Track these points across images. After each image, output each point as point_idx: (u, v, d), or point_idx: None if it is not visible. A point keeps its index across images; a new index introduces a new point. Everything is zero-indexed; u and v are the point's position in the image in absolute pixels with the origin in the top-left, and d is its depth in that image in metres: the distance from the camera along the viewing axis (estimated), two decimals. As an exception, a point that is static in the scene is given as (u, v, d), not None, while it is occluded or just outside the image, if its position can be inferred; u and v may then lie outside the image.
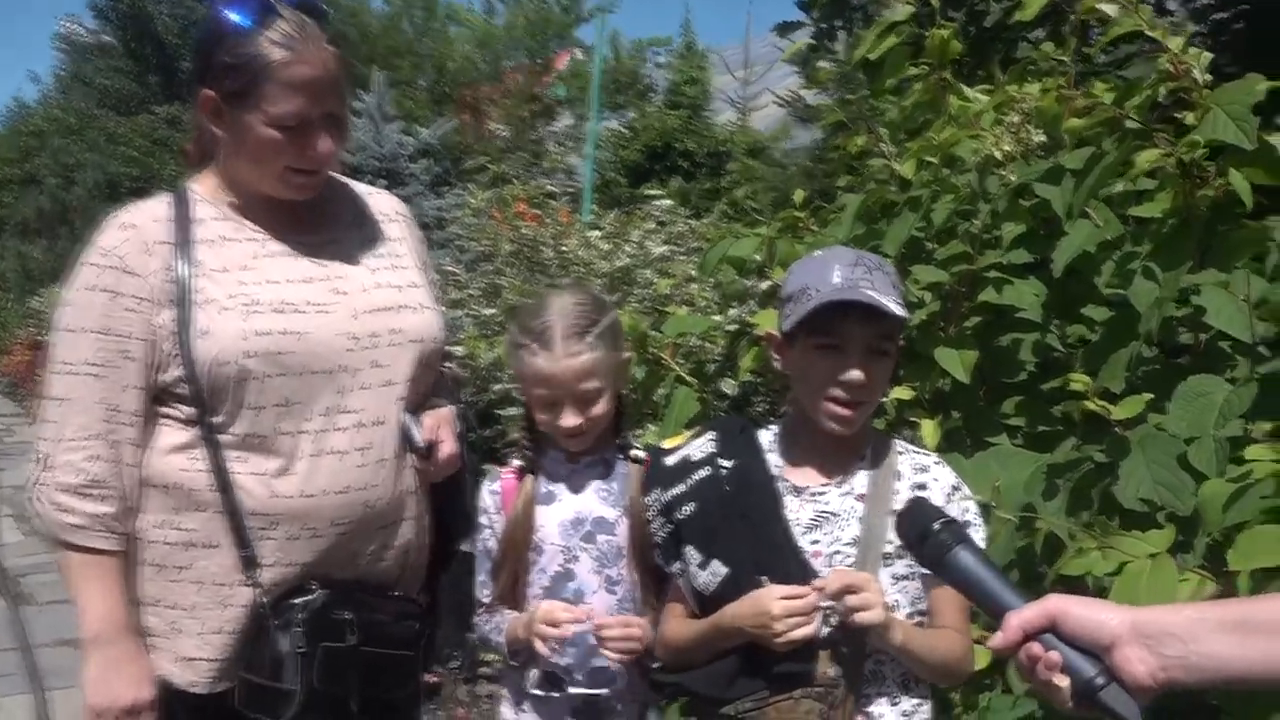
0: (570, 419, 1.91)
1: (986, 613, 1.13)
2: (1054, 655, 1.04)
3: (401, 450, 1.85)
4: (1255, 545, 1.52)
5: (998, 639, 1.07)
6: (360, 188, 2.04)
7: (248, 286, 1.77)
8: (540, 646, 1.87)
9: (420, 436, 1.85)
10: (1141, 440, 1.82)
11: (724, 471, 1.73)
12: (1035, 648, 1.04)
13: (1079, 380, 1.86)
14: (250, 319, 1.74)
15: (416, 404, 1.88)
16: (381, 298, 1.87)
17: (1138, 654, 1.00)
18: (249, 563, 1.75)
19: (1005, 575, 1.15)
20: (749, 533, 1.67)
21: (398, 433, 1.84)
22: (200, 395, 1.73)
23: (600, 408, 1.94)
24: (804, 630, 1.57)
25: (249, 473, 1.75)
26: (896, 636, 1.58)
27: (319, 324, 1.78)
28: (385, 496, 1.82)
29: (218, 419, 1.75)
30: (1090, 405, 1.86)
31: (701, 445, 1.79)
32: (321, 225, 1.90)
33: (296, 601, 1.75)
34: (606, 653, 1.88)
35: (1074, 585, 1.71)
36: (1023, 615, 1.05)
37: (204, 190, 1.87)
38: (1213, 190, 2.06)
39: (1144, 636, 1.00)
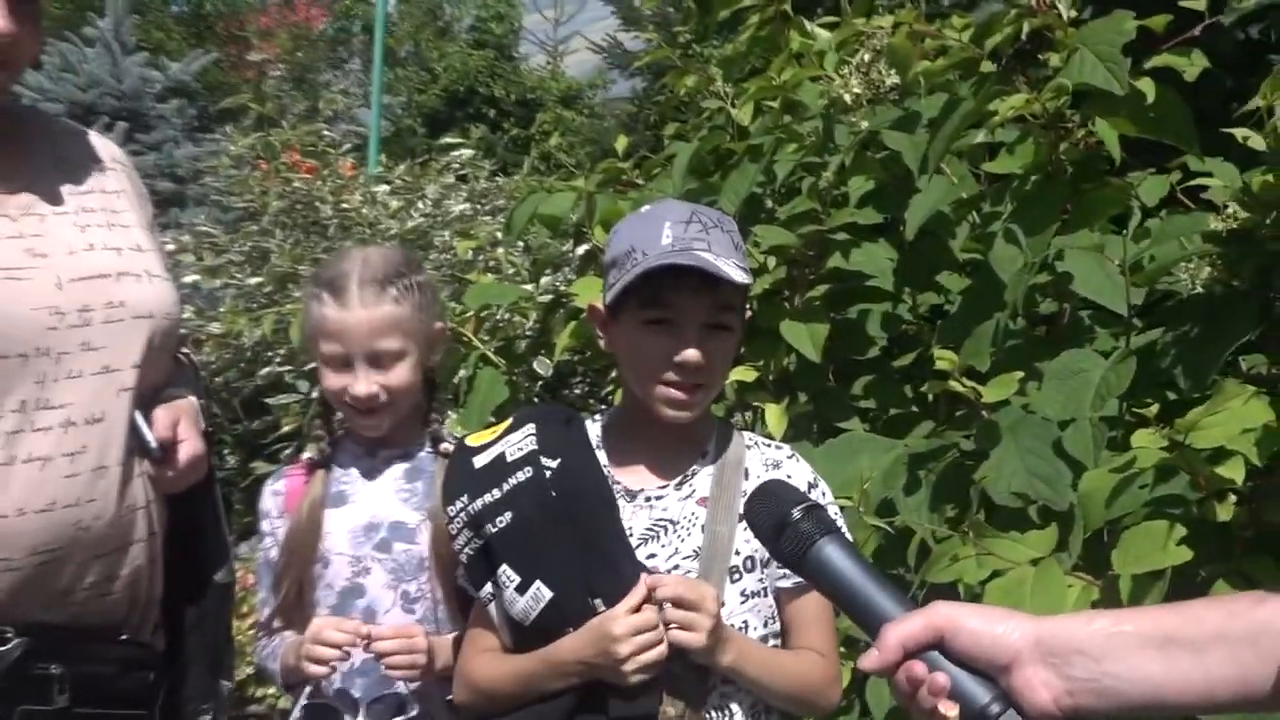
0: (363, 384, 1.83)
1: (858, 622, 1.04)
2: (940, 677, 0.95)
3: (129, 455, 1.67)
4: (1142, 545, 1.49)
5: (872, 657, 0.97)
6: (66, 125, 1.84)
7: (-92, 247, 1.58)
8: (311, 669, 1.78)
9: (153, 436, 1.68)
10: (1013, 425, 1.79)
11: (548, 473, 1.60)
12: (918, 668, 0.96)
13: (944, 358, 1.81)
14: (-88, 289, 1.56)
15: (147, 396, 1.71)
16: (95, 262, 1.68)
17: (1041, 676, 0.93)
18: (-84, 609, 1.53)
19: (882, 575, 1.05)
20: (579, 547, 1.55)
21: (124, 433, 1.66)
22: None
23: (400, 375, 1.85)
24: (655, 653, 1.46)
25: (-88, 491, 1.55)
26: (724, 657, 1.49)
27: (9, 295, 1.59)
28: (106, 514, 1.65)
29: None
30: (956, 386, 1.80)
31: (519, 441, 1.64)
32: (12, 169, 1.69)
33: (-15, 656, 1.59)
34: (391, 673, 1.80)
35: (943, 595, 1.66)
36: (903, 628, 0.96)
37: None
38: (1077, 143, 2.05)
39: (1049, 654, 0.93)
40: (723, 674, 1.52)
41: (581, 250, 2.80)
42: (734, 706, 1.56)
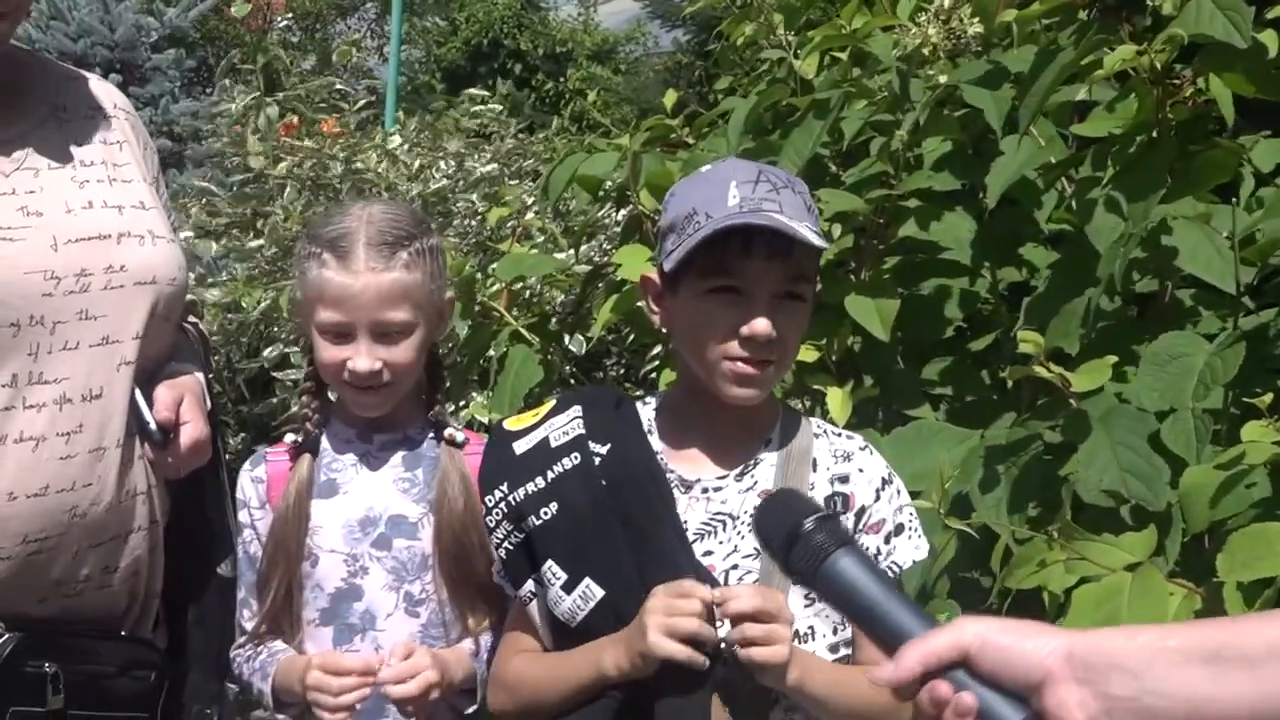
0: (365, 359, 1.82)
1: (879, 643, 1.07)
2: (967, 697, 0.96)
3: (129, 435, 1.71)
4: (1251, 549, 1.49)
5: (887, 671, 0.99)
6: (65, 70, 1.87)
7: (-107, 204, 1.61)
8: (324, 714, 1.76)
9: (153, 416, 1.71)
10: (1105, 416, 1.79)
11: (597, 459, 1.61)
12: (943, 688, 0.97)
13: (1027, 339, 1.80)
14: (-104, 250, 1.59)
15: (149, 369, 1.74)
16: (94, 222, 1.71)
17: (1076, 695, 0.94)
18: (-100, 601, 1.60)
19: (903, 592, 1.10)
20: (633, 541, 1.56)
21: (124, 411, 1.70)
22: None
23: (405, 352, 1.84)
24: (689, 624, 1.44)
25: (-105, 472, 1.60)
26: (791, 675, 1.48)
27: (0, 257, 1.62)
28: (104, 500, 1.68)
29: None
30: (1040, 371, 1.80)
31: (564, 424, 1.66)
32: (6, 120, 1.73)
33: (-26, 652, 1.61)
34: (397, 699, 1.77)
35: (1027, 602, 1.66)
36: (926, 645, 0.98)
37: None
38: (1185, 100, 2.03)
39: (1084, 671, 0.94)
40: (785, 693, 1.51)
41: (623, 216, 2.80)
42: None
